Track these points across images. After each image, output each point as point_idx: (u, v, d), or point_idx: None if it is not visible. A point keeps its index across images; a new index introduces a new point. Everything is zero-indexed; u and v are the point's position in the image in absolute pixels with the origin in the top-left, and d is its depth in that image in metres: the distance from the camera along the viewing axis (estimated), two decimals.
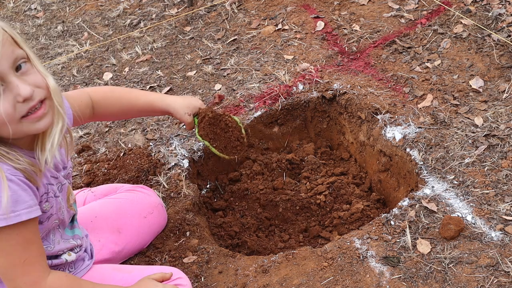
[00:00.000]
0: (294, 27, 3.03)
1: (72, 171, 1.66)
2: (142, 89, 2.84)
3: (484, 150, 2.15)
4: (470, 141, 2.20)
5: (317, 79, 2.64)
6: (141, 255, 1.96)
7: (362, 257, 1.83)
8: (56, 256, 1.57)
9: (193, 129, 1.96)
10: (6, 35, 1.25)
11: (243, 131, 2.03)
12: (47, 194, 1.43)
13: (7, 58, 1.24)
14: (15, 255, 1.34)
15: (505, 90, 2.40)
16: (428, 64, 2.62)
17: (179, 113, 1.87)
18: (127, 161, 2.38)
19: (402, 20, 2.94)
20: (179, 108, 1.87)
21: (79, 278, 1.58)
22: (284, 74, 2.69)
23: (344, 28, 2.97)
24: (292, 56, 2.83)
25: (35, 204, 1.36)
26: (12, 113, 1.26)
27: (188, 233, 2.03)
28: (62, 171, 1.55)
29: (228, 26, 3.18)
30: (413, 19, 2.93)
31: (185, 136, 2.47)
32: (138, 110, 1.90)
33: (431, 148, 2.20)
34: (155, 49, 3.15)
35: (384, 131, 2.33)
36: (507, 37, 2.66)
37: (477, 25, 2.77)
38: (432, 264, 1.78)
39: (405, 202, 2.01)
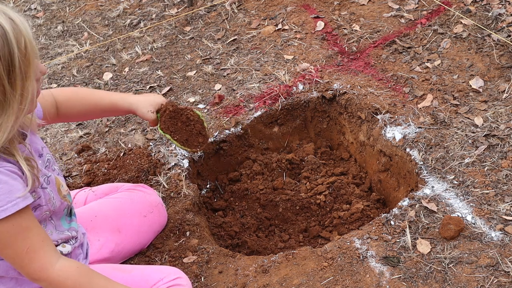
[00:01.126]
0: (294, 27, 3.03)
1: (53, 161, 1.65)
2: (142, 89, 2.84)
3: (484, 150, 2.15)
4: (470, 141, 2.20)
5: (317, 79, 2.64)
6: (141, 255, 1.96)
7: (362, 257, 1.83)
8: None
9: (157, 126, 1.99)
10: None
11: (205, 124, 2.04)
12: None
13: None
14: (17, 246, 1.36)
15: (505, 90, 2.40)
16: (428, 64, 2.62)
17: (141, 111, 1.89)
18: (127, 161, 2.38)
19: (402, 20, 2.94)
20: (142, 107, 1.88)
21: (91, 270, 1.54)
22: (284, 74, 2.69)
23: (344, 28, 2.97)
24: (292, 56, 2.83)
25: (27, 191, 1.37)
26: (36, 89, 1.36)
27: (188, 233, 2.03)
28: (39, 159, 1.54)
29: (228, 26, 3.18)
30: (413, 19, 2.93)
31: None
32: (102, 110, 1.93)
33: (431, 148, 2.20)
34: (155, 49, 3.15)
35: (384, 131, 2.33)
36: (507, 37, 2.66)
37: (477, 25, 2.77)
38: (432, 264, 1.78)
39: (405, 202, 2.01)
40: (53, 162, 1.62)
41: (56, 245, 1.57)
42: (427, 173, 2.11)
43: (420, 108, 2.38)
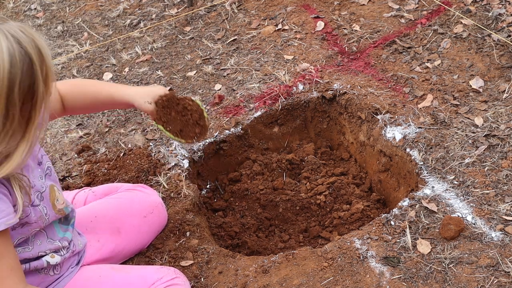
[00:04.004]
0: (294, 27, 3.04)
1: (52, 169, 1.62)
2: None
3: (484, 150, 2.15)
4: (470, 141, 2.20)
5: (317, 79, 2.64)
6: (141, 255, 1.96)
7: (362, 257, 1.83)
8: (37, 258, 1.53)
9: None
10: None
11: (205, 114, 1.90)
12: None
13: None
14: None
15: (505, 90, 2.40)
16: (428, 64, 2.62)
17: (138, 102, 1.77)
18: (127, 161, 2.38)
19: (402, 20, 2.94)
20: (139, 98, 1.77)
21: None
22: (284, 74, 2.69)
23: (344, 28, 2.97)
24: (292, 56, 2.83)
25: (12, 211, 1.33)
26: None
27: (188, 233, 2.03)
28: (38, 167, 1.50)
29: (228, 26, 3.18)
30: (413, 19, 2.93)
31: None
32: (102, 103, 1.84)
33: (431, 148, 2.20)
34: (155, 49, 3.15)
35: (384, 131, 2.33)
36: (507, 37, 2.66)
37: (477, 25, 2.77)
38: (432, 264, 1.78)
39: (405, 202, 2.01)
40: (53, 170, 1.60)
41: (44, 255, 1.55)
42: (427, 173, 2.11)
43: (420, 108, 2.38)
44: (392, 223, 1.94)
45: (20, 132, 1.25)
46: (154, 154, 2.40)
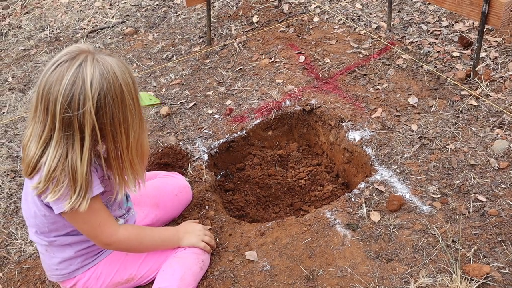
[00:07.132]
0: (283, 59, 3.03)
1: None
2: (175, 104, 2.82)
3: (418, 148, 2.15)
4: (408, 141, 2.20)
5: (299, 97, 2.63)
6: (173, 223, 1.96)
7: (331, 224, 1.83)
8: None
9: None
10: None
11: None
12: (103, 177, 1.43)
13: None
14: (92, 221, 1.39)
15: (432, 105, 2.40)
16: (378, 87, 2.62)
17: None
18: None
19: (360, 55, 2.93)
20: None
21: (142, 226, 1.63)
22: (276, 93, 2.69)
23: (319, 61, 2.96)
24: (282, 80, 2.82)
25: (99, 183, 1.38)
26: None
27: (207, 207, 2.03)
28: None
29: (236, 59, 3.17)
30: (368, 54, 2.92)
31: (205, 138, 2.46)
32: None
33: (380, 146, 2.20)
34: (184, 75, 3.14)
35: (347, 134, 2.33)
36: (434, 67, 2.66)
37: (413, 59, 2.76)
38: (381, 229, 1.78)
39: (362, 185, 2.01)
40: None
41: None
42: (377, 164, 2.11)
43: (373, 118, 2.38)
44: (353, 199, 1.94)
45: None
46: (183, 150, 2.39)
